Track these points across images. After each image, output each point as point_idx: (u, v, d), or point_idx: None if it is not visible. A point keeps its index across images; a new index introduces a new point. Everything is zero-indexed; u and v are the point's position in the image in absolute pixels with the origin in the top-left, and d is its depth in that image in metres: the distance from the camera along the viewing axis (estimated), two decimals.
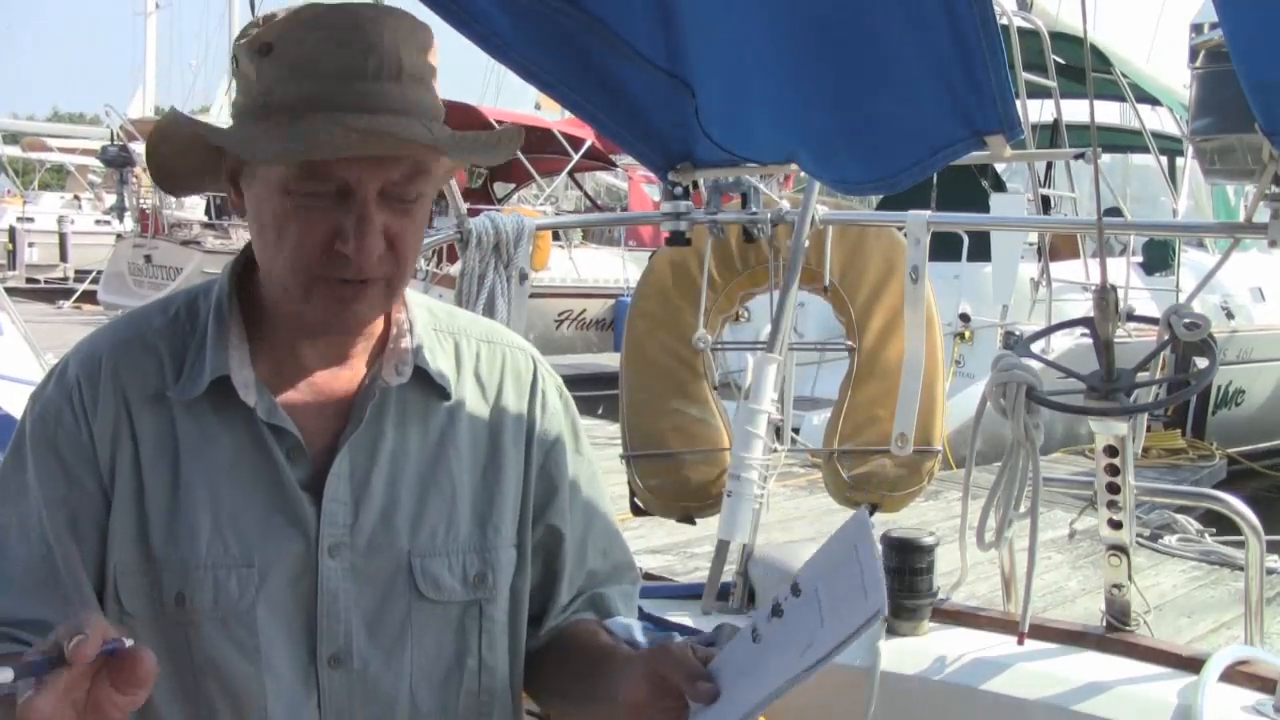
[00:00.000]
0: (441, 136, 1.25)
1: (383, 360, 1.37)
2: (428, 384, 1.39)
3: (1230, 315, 11.15)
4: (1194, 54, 2.12)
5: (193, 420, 1.30)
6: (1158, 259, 10.98)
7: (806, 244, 2.69)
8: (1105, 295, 1.96)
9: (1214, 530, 6.70)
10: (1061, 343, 7.11)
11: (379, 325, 1.39)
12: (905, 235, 2.63)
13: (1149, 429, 9.78)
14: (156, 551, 1.28)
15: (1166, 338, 2.01)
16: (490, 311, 2.71)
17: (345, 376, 1.36)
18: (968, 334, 9.41)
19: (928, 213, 2.60)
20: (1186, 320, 1.99)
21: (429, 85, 1.27)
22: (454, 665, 1.37)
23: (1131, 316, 2.09)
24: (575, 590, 1.52)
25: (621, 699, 1.27)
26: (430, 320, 1.44)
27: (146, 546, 1.28)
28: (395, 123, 1.21)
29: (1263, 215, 1.99)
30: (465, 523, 1.39)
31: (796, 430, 6.71)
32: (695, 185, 2.62)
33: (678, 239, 2.65)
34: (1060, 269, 9.29)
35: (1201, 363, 1.98)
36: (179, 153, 1.33)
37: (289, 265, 1.25)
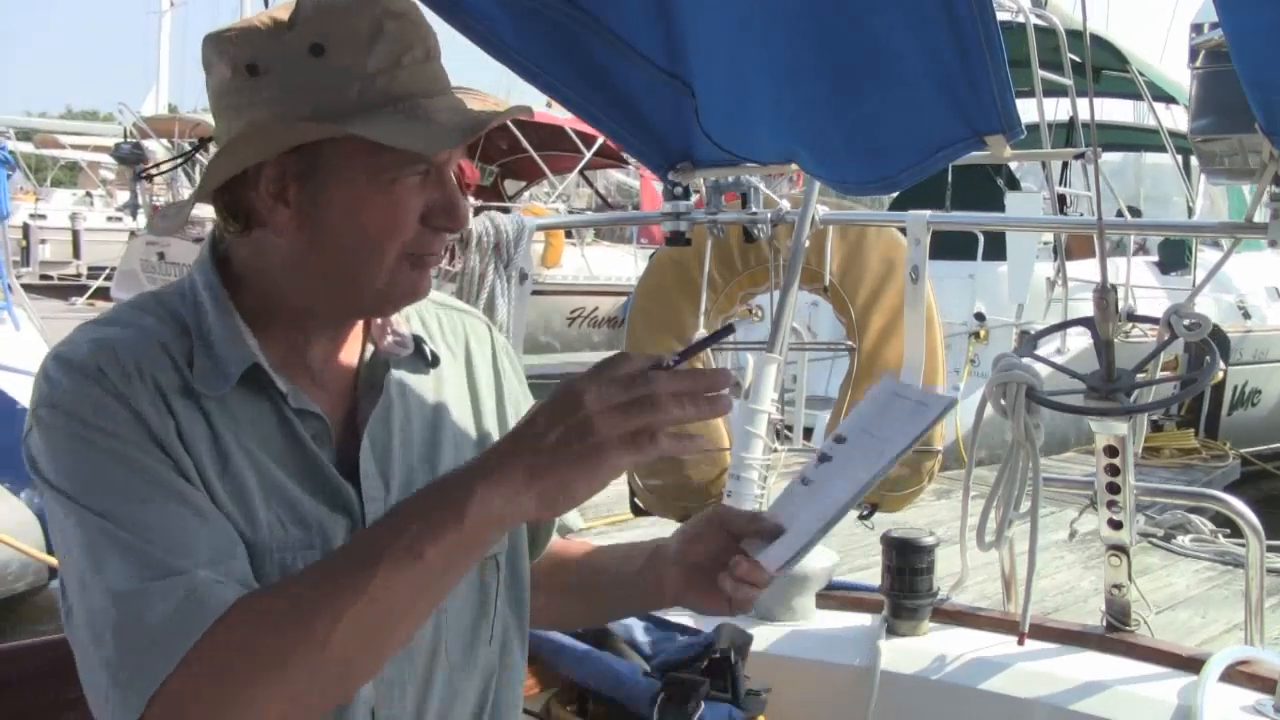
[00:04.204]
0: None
1: (374, 335, 1.39)
2: (417, 352, 1.42)
3: (1246, 315, 11.12)
4: (1194, 54, 2.11)
5: (223, 412, 1.27)
6: (1174, 259, 10.95)
7: (806, 244, 2.68)
8: (1105, 295, 1.96)
9: (1228, 531, 6.69)
10: (1076, 343, 7.10)
11: None
12: (906, 235, 2.62)
13: (1162, 429, 9.77)
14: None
15: (1167, 337, 2.01)
16: (491, 311, 2.72)
17: (342, 355, 1.37)
18: (983, 334, 9.39)
19: (928, 212, 2.59)
20: (1187, 320, 1.98)
21: None
22: (478, 618, 1.40)
23: (1132, 316, 2.09)
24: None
25: (681, 564, 1.36)
26: None
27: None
28: (464, 98, 1.28)
29: (1263, 215, 1.98)
30: None
31: (810, 430, 6.73)
32: (699, 190, 2.62)
33: (678, 239, 2.64)
34: (1076, 268, 9.26)
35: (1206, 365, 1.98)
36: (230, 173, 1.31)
37: (379, 252, 1.26)
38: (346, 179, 1.24)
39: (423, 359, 1.43)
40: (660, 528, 5.95)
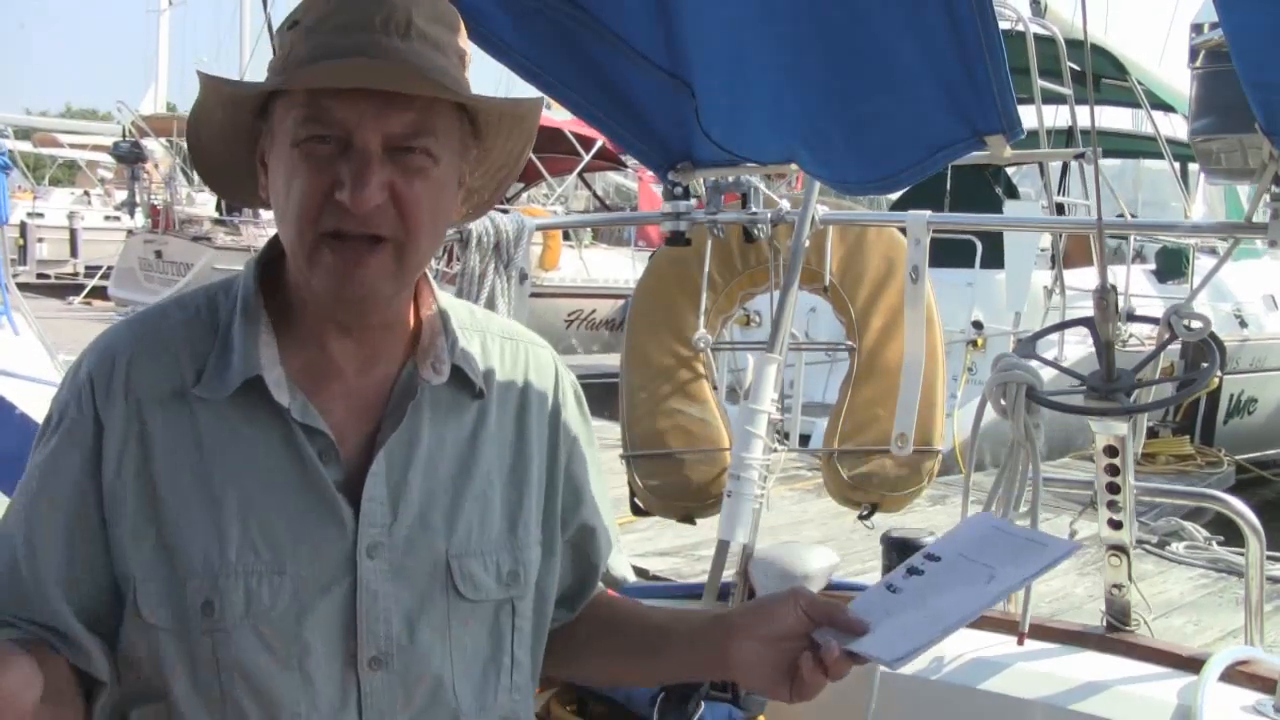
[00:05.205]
0: (448, 84, 1.23)
1: (416, 357, 1.35)
2: (460, 381, 1.37)
3: (1243, 324, 11.11)
4: (1194, 54, 2.11)
5: (218, 420, 1.27)
6: (1171, 267, 10.94)
7: (806, 244, 2.68)
8: (1105, 295, 1.96)
9: (1222, 538, 6.68)
10: (1074, 350, 7.10)
11: (407, 321, 1.37)
12: (906, 235, 2.62)
13: (1157, 435, 9.76)
14: (180, 558, 1.24)
15: (1167, 338, 2.01)
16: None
17: (377, 374, 1.34)
18: (980, 341, 9.37)
19: (928, 212, 2.59)
20: (1187, 320, 1.98)
21: (446, 53, 1.26)
22: (490, 663, 1.36)
23: (1131, 316, 2.09)
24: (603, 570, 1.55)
25: (754, 637, 1.30)
26: (454, 319, 1.43)
27: (168, 554, 1.24)
28: (395, 69, 1.21)
29: (1263, 215, 1.98)
30: (497, 521, 1.38)
31: (808, 437, 6.72)
32: (699, 194, 2.62)
33: (678, 239, 2.64)
34: (1074, 276, 9.25)
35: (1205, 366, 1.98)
36: (221, 145, 1.34)
37: (295, 224, 1.24)
38: (278, 139, 1.26)
39: (467, 389, 1.38)
40: (660, 527, 5.95)
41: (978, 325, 9.38)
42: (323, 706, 1.26)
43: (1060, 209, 9.81)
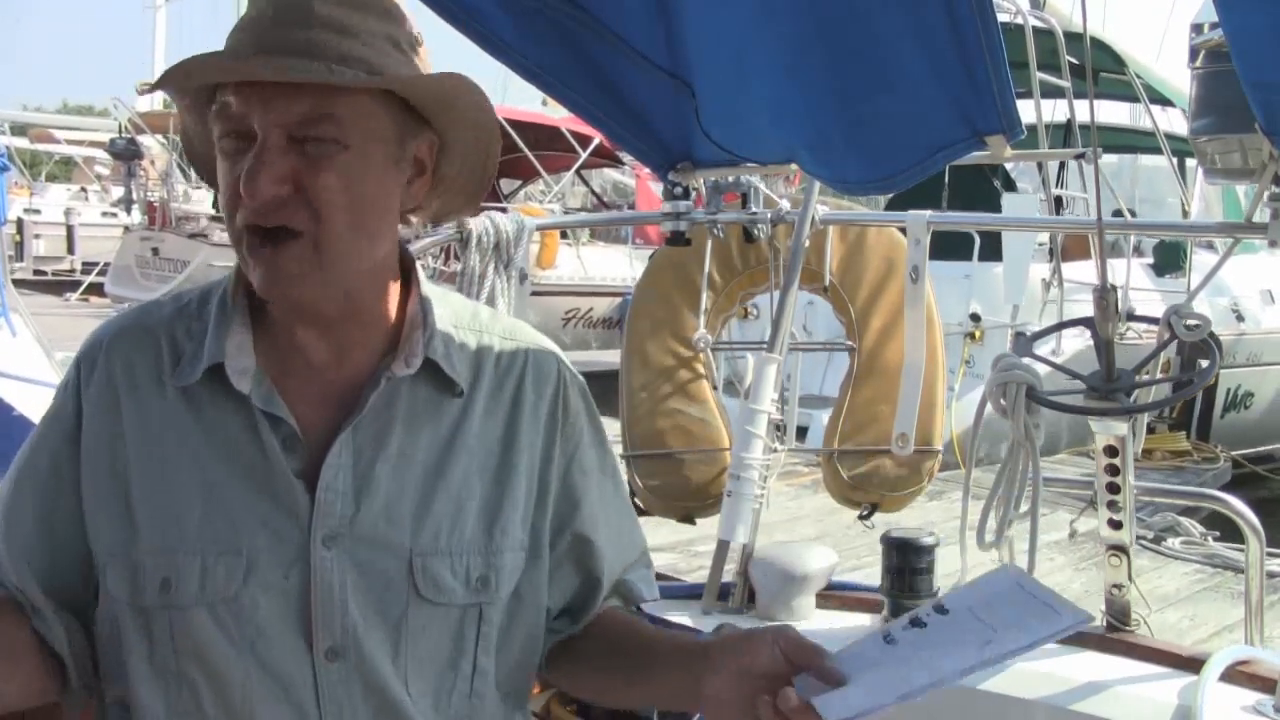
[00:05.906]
0: (341, 75, 1.19)
1: (395, 353, 1.35)
2: (441, 379, 1.36)
3: (1240, 318, 11.12)
4: (1194, 54, 2.11)
5: (187, 406, 1.30)
6: (1169, 261, 10.95)
7: (806, 244, 2.68)
8: (1105, 295, 1.95)
9: (1218, 534, 6.69)
10: (1071, 344, 7.11)
11: (382, 315, 1.36)
12: (905, 235, 2.62)
13: (1153, 431, 9.77)
14: (142, 536, 1.27)
15: (1167, 337, 2.01)
16: None
17: (351, 368, 1.34)
18: (978, 334, 9.38)
19: (928, 212, 2.60)
20: (1187, 320, 1.98)
21: (360, 38, 1.23)
22: (447, 667, 1.35)
23: (1132, 316, 2.09)
24: (612, 584, 1.52)
25: (726, 670, 1.28)
26: (451, 316, 1.42)
27: (133, 532, 1.28)
28: (287, 60, 1.19)
29: (1263, 215, 1.98)
30: (471, 523, 1.36)
31: (805, 429, 6.72)
32: (698, 188, 2.62)
33: (678, 239, 2.63)
34: (1072, 270, 9.26)
35: (1205, 365, 1.98)
36: (204, 149, 1.34)
37: (225, 222, 1.28)
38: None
39: (447, 388, 1.37)
40: (654, 524, 5.95)
41: (975, 318, 9.39)
42: (276, 692, 1.27)
43: (1059, 202, 9.82)
